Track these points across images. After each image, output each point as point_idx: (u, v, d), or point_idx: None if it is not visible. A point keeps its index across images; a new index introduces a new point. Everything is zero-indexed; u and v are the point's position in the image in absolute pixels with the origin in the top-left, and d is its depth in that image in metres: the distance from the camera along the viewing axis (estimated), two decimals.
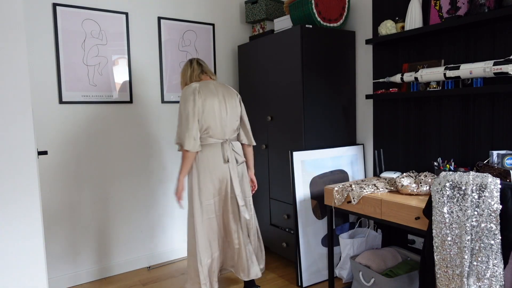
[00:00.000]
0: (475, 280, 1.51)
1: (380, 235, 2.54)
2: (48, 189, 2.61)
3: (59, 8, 2.57)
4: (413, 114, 2.43)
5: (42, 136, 2.57)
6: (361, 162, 2.82)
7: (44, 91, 2.57)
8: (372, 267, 2.21)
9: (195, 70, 2.25)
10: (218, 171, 2.13)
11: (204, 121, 2.08)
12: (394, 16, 2.46)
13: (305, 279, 2.56)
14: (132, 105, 2.91)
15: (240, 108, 2.26)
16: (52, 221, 2.64)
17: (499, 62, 1.80)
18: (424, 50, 2.33)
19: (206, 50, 3.23)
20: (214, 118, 2.09)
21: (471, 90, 1.98)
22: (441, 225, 1.59)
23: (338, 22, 2.71)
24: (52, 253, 2.65)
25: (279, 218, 2.91)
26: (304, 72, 2.56)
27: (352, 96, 2.83)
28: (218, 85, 2.21)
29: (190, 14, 3.14)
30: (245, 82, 3.18)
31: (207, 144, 2.12)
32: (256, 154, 3.09)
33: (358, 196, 2.10)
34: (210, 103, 2.08)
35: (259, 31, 3.28)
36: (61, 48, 2.59)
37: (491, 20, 1.92)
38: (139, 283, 2.74)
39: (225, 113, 2.13)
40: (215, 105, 2.09)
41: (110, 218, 2.86)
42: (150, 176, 3.01)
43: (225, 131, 2.15)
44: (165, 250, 3.12)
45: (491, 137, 2.05)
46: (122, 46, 2.83)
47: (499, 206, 1.46)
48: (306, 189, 2.58)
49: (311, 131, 2.62)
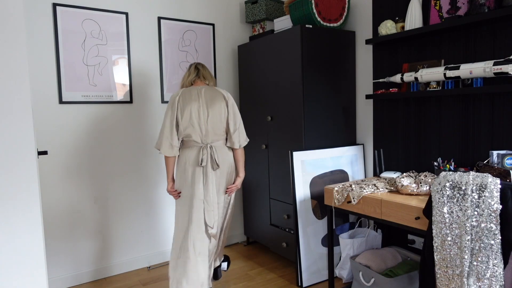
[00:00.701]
0: (475, 280, 1.51)
1: (380, 235, 2.54)
2: (48, 189, 2.61)
3: (59, 8, 2.57)
4: (413, 114, 2.43)
5: (42, 136, 2.57)
6: (361, 162, 2.82)
7: (44, 91, 2.57)
8: (372, 267, 2.21)
9: (190, 75, 2.32)
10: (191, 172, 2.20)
11: (183, 127, 2.18)
12: (394, 16, 2.47)
13: (305, 279, 2.56)
14: (132, 105, 2.91)
15: (226, 112, 2.26)
16: (52, 221, 2.64)
17: (499, 62, 1.80)
18: (424, 50, 2.33)
19: (206, 50, 3.23)
20: (193, 124, 2.17)
21: (471, 90, 1.98)
22: (441, 225, 1.59)
23: (338, 22, 2.71)
24: (52, 253, 2.65)
25: (279, 218, 2.91)
26: (304, 72, 2.56)
27: (352, 96, 2.83)
28: (205, 91, 2.24)
29: (190, 14, 3.14)
30: (245, 82, 3.18)
31: (187, 147, 2.23)
32: (256, 154, 3.09)
33: (358, 196, 2.10)
34: (189, 110, 2.17)
35: (259, 31, 3.28)
36: (61, 48, 2.59)
37: (491, 20, 1.92)
38: (139, 283, 2.74)
39: (205, 119, 2.19)
40: (193, 112, 2.17)
41: (110, 218, 2.86)
42: (150, 176, 3.01)
43: (205, 135, 2.20)
44: (165, 250, 3.12)
45: (491, 137, 2.05)
46: (122, 46, 2.83)
47: (499, 206, 1.46)
48: (306, 189, 2.58)
49: (311, 131, 2.62)
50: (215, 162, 2.20)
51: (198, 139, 2.20)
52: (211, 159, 2.20)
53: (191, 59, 3.15)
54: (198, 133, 2.19)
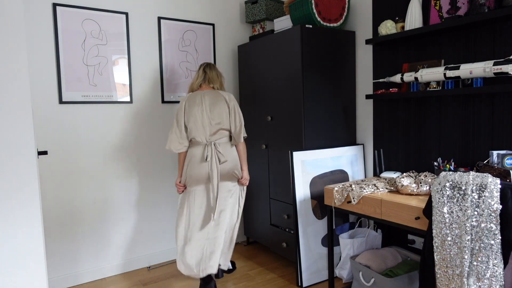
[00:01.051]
0: (475, 280, 1.51)
1: (380, 235, 2.54)
2: (48, 189, 2.61)
3: (59, 8, 2.57)
4: (413, 114, 2.43)
5: (42, 136, 2.57)
6: (361, 162, 2.82)
7: (44, 91, 2.57)
8: (372, 267, 2.21)
9: (198, 79, 2.55)
10: (198, 167, 2.46)
11: (190, 129, 2.46)
12: (394, 16, 2.47)
13: (305, 279, 2.56)
14: (132, 105, 2.91)
15: (228, 114, 2.48)
16: (52, 221, 2.64)
17: (499, 62, 1.80)
18: (424, 50, 2.33)
19: (206, 50, 3.23)
20: (197, 126, 2.44)
21: (471, 90, 1.98)
22: (441, 225, 1.59)
23: (338, 22, 2.71)
24: (52, 253, 2.65)
25: (279, 218, 2.91)
26: (304, 72, 2.56)
27: (352, 96, 2.83)
28: (208, 95, 2.47)
29: (190, 14, 3.14)
30: (245, 82, 3.18)
31: (194, 146, 2.48)
32: (256, 154, 3.09)
33: (358, 196, 2.10)
34: (194, 114, 2.45)
35: (259, 31, 3.28)
36: (61, 48, 2.59)
37: (491, 20, 1.92)
38: (139, 283, 2.74)
39: (207, 120, 2.44)
40: (198, 115, 2.44)
41: (110, 217, 2.86)
42: (150, 176, 3.02)
43: (207, 135, 2.45)
44: (165, 250, 3.12)
45: (491, 137, 2.05)
46: (122, 46, 2.83)
47: (499, 206, 1.46)
48: (306, 189, 2.58)
49: (311, 131, 2.62)
50: (218, 157, 2.44)
51: (203, 139, 2.44)
52: (216, 155, 2.44)
53: (191, 59, 3.15)
54: (202, 134, 2.44)
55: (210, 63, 2.58)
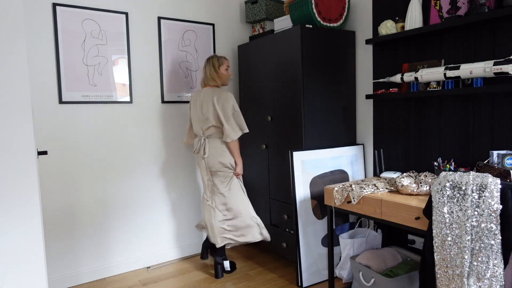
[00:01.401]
0: (475, 280, 1.51)
1: (380, 235, 2.54)
2: (48, 189, 2.61)
3: (59, 8, 2.57)
4: (413, 114, 2.43)
5: (42, 136, 2.57)
6: (361, 162, 2.82)
7: (44, 91, 2.57)
8: (372, 267, 2.21)
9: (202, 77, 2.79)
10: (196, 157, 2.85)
11: (192, 123, 2.84)
12: (394, 16, 2.46)
13: (305, 279, 2.56)
14: (132, 105, 2.91)
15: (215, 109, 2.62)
16: (52, 221, 2.64)
17: (499, 62, 1.80)
18: (424, 50, 2.33)
19: (206, 50, 3.23)
20: (193, 121, 2.79)
21: (471, 90, 1.98)
22: (441, 225, 1.59)
23: (338, 22, 2.71)
24: (52, 253, 2.65)
25: (279, 218, 2.91)
26: (304, 72, 2.56)
27: (352, 96, 2.83)
28: (203, 93, 2.70)
29: (190, 14, 3.14)
30: (245, 82, 3.18)
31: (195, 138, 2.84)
32: (256, 154, 3.09)
33: (358, 196, 2.10)
34: (192, 111, 2.79)
35: (259, 31, 3.28)
36: (61, 48, 2.59)
37: (491, 20, 1.92)
38: (139, 283, 2.74)
39: (200, 117, 2.70)
40: (193, 112, 2.78)
41: (110, 218, 2.86)
42: (150, 176, 3.01)
43: (200, 130, 2.72)
44: (165, 250, 3.12)
45: (491, 137, 2.05)
46: (122, 46, 2.83)
47: (499, 206, 1.46)
48: (306, 189, 2.58)
49: (311, 131, 2.62)
50: (202, 150, 2.70)
51: (200, 134, 2.74)
52: (203, 149, 2.70)
53: (191, 59, 3.15)
54: (198, 128, 2.75)
55: (209, 58, 2.74)
